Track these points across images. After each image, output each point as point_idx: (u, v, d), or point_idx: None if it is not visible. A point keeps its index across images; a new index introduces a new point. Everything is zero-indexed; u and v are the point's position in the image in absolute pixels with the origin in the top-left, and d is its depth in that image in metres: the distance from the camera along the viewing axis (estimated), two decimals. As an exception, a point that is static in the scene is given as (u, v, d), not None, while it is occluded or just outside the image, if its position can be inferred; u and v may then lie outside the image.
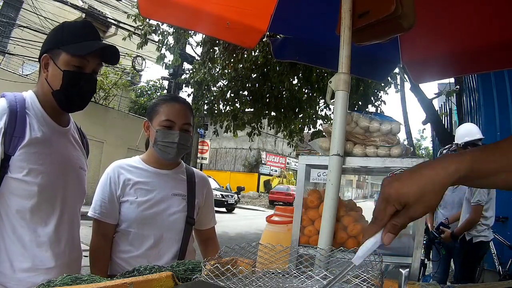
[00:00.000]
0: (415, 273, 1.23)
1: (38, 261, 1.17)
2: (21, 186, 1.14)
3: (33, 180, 1.15)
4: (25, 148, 1.14)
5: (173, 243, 1.51)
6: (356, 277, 0.69)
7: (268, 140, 27.60)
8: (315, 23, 2.23)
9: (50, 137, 1.23)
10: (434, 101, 8.03)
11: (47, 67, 1.24)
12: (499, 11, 1.85)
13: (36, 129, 1.19)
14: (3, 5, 13.64)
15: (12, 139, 1.13)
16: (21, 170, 1.14)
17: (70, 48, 1.21)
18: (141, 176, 1.50)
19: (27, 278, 1.14)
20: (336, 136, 1.24)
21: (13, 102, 1.18)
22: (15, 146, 1.13)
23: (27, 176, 1.14)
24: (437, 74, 2.50)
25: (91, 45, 1.24)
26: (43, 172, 1.17)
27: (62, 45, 1.22)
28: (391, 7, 1.20)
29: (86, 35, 1.26)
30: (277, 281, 0.84)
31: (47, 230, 1.20)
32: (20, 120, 1.16)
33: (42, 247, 1.18)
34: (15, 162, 1.13)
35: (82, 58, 1.22)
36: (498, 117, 5.15)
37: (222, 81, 8.01)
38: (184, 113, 1.51)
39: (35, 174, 1.16)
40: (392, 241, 0.64)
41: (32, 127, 1.18)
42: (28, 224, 1.16)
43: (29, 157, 1.15)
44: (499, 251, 4.15)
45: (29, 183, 1.15)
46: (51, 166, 1.20)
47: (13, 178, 1.14)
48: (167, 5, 1.93)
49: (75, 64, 1.22)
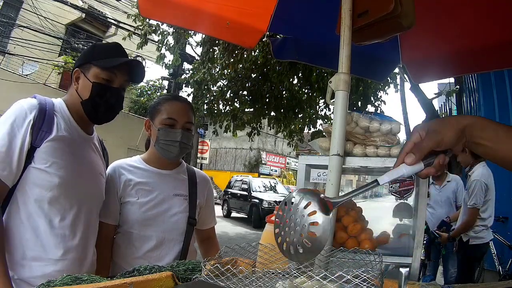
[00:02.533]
0: (415, 273, 1.23)
1: (49, 251, 1.19)
2: (42, 176, 1.19)
3: (55, 172, 1.20)
4: (51, 142, 1.21)
5: (175, 244, 1.50)
6: (356, 277, 0.69)
7: (268, 140, 27.60)
8: (315, 23, 2.23)
9: (75, 139, 1.30)
10: (434, 101, 8.03)
11: (78, 80, 1.33)
12: (499, 11, 1.85)
13: (62, 129, 1.26)
14: (3, 5, 13.65)
15: (39, 132, 1.20)
16: (45, 161, 1.19)
17: (101, 62, 1.31)
18: (142, 177, 1.50)
19: (37, 266, 1.17)
20: (336, 136, 1.24)
21: (43, 101, 1.26)
22: (42, 139, 1.20)
23: (49, 167, 1.20)
24: (437, 74, 2.50)
25: (119, 60, 1.34)
26: (64, 166, 1.23)
27: (93, 60, 1.32)
28: (389, 6, 1.20)
29: (116, 53, 1.36)
30: (277, 281, 0.83)
31: (63, 223, 1.23)
32: (48, 117, 1.24)
33: (56, 238, 1.21)
34: (39, 154, 1.19)
35: (110, 72, 1.32)
36: (498, 117, 5.15)
37: (221, 81, 8.01)
38: (186, 112, 1.51)
39: (57, 167, 1.21)
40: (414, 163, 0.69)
41: (59, 126, 1.25)
42: (45, 214, 1.20)
43: (54, 151, 1.21)
44: (499, 251, 4.16)
45: (51, 174, 1.20)
46: (73, 163, 1.26)
47: (36, 168, 1.19)
48: (167, 5, 1.93)
49: (104, 77, 1.31)
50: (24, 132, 1.17)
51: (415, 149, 0.70)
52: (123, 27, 11.68)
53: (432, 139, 0.70)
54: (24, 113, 1.19)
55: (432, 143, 0.70)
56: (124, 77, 1.36)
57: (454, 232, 3.56)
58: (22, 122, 1.18)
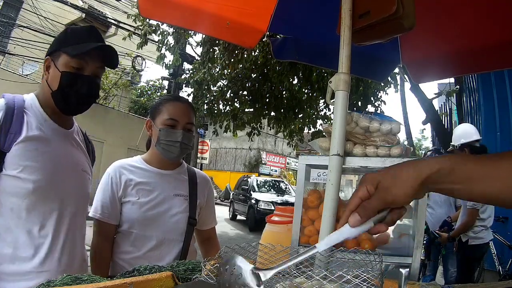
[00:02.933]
0: (415, 273, 1.23)
1: (29, 264, 1.12)
2: (15, 183, 1.10)
3: (27, 177, 1.11)
4: (21, 144, 1.12)
5: (175, 245, 1.51)
6: (356, 277, 0.69)
7: (268, 140, 27.59)
8: (315, 23, 2.22)
9: (49, 137, 1.20)
10: (434, 101, 8.03)
11: (49, 69, 1.24)
12: (499, 11, 1.85)
13: (34, 128, 1.16)
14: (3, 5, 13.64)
15: (7, 136, 1.11)
16: (16, 167, 1.10)
17: (69, 49, 1.21)
18: (143, 177, 1.50)
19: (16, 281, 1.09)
20: (336, 136, 1.24)
21: (10, 101, 1.16)
22: (11, 142, 1.11)
23: (21, 173, 1.11)
24: (437, 74, 2.49)
25: (88, 45, 1.23)
26: (38, 169, 1.13)
27: (63, 47, 1.22)
28: (392, 7, 1.20)
29: (89, 38, 1.25)
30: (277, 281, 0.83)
31: (43, 232, 1.14)
32: (17, 117, 1.14)
33: (37, 250, 1.13)
34: (10, 159, 1.10)
35: (80, 60, 1.21)
36: (498, 117, 5.15)
37: (222, 81, 8.01)
38: (187, 113, 1.51)
39: (30, 171, 1.12)
40: (358, 224, 0.60)
41: (29, 125, 1.15)
42: (23, 224, 1.12)
43: (25, 153, 1.12)
44: (499, 251, 4.16)
45: (23, 180, 1.11)
46: (48, 163, 1.16)
47: (8, 175, 1.10)
48: (167, 5, 1.92)
49: (74, 66, 1.21)
50: None
51: (361, 209, 0.61)
52: (123, 27, 11.69)
53: (381, 199, 0.61)
54: None
55: (381, 204, 0.61)
56: (96, 63, 1.26)
57: (454, 232, 3.56)
58: None
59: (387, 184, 0.61)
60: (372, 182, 0.62)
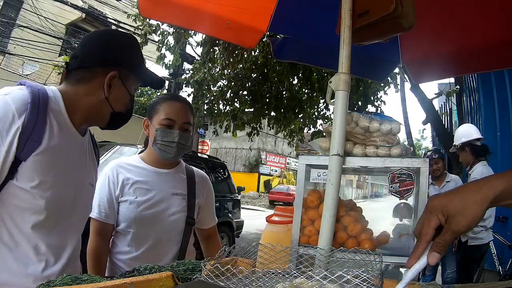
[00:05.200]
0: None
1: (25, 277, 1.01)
2: (25, 196, 0.98)
3: (41, 193, 0.99)
4: (40, 155, 0.98)
5: (173, 245, 1.50)
6: (356, 277, 0.69)
7: (268, 140, 27.59)
8: (315, 23, 2.23)
9: (67, 147, 1.08)
10: (434, 101, 8.03)
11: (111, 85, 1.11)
12: (499, 11, 1.85)
13: (55, 135, 1.02)
14: (3, 5, 13.65)
15: (27, 142, 0.96)
16: (30, 180, 0.98)
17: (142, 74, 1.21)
18: (141, 175, 1.49)
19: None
20: (336, 136, 1.24)
21: (36, 97, 0.99)
22: (30, 151, 0.97)
23: (35, 188, 0.98)
24: (437, 74, 2.50)
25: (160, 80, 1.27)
26: (53, 186, 1.02)
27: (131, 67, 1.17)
28: (390, 6, 1.20)
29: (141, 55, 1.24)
30: (277, 281, 0.83)
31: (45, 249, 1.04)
32: (40, 120, 0.99)
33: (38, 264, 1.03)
34: (25, 170, 0.97)
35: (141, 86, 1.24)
36: (498, 117, 5.15)
37: (222, 81, 8.02)
38: (185, 112, 1.50)
39: (45, 187, 1.00)
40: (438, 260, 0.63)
41: (51, 132, 1.01)
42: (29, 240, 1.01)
43: (42, 166, 0.99)
44: (499, 251, 4.15)
45: (35, 196, 0.99)
46: (61, 180, 1.05)
47: (19, 187, 0.97)
48: (167, 5, 1.92)
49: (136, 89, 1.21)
50: (9, 143, 0.93)
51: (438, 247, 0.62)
52: (123, 27, 11.69)
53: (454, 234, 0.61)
54: (11, 116, 0.94)
55: (455, 236, 0.61)
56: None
57: None
58: (7, 128, 0.93)
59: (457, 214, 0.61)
60: (442, 210, 0.62)
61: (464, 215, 0.60)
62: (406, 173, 1.23)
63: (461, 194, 0.62)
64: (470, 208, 0.60)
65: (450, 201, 0.62)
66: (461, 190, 0.63)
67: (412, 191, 1.27)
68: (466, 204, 0.60)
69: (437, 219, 0.62)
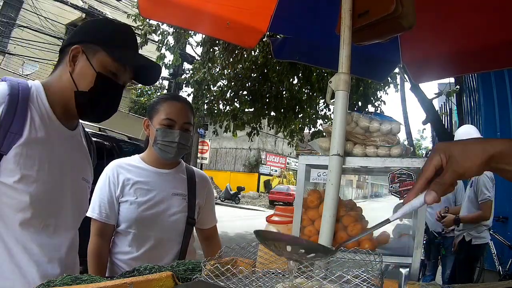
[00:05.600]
0: (415, 273, 1.23)
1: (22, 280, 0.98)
2: (9, 192, 0.95)
3: (25, 188, 0.96)
4: (21, 147, 0.95)
5: (174, 245, 1.50)
6: (356, 277, 0.69)
7: (268, 140, 27.59)
8: (315, 23, 2.23)
9: (53, 140, 1.04)
10: (434, 101, 8.03)
11: (76, 60, 1.05)
12: (499, 11, 1.85)
13: (37, 127, 0.99)
14: (3, 5, 13.65)
15: (7, 135, 0.94)
16: (13, 174, 0.94)
17: (115, 51, 1.05)
18: (141, 176, 1.49)
19: None
20: (336, 136, 1.24)
21: (15, 90, 0.98)
22: (10, 143, 0.94)
23: (19, 183, 0.95)
24: (437, 74, 2.50)
25: (138, 57, 1.13)
26: (37, 180, 0.98)
27: (103, 42, 1.06)
28: (391, 6, 1.20)
29: (130, 42, 1.13)
30: (277, 281, 0.83)
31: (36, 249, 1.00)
32: (20, 112, 0.96)
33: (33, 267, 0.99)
34: (6, 164, 0.94)
35: (121, 66, 1.07)
36: (498, 117, 5.15)
37: (222, 81, 8.01)
38: (185, 112, 1.50)
39: (29, 181, 0.97)
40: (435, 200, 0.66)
41: (33, 124, 0.98)
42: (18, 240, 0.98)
43: (25, 160, 0.96)
44: (499, 251, 4.15)
45: (19, 192, 0.96)
46: (48, 173, 1.01)
47: (2, 183, 0.94)
48: (167, 5, 1.92)
49: (112, 70, 1.06)
50: None
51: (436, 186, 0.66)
52: (123, 27, 11.67)
53: (453, 173, 0.65)
54: None
55: (455, 177, 0.65)
56: (131, 74, 1.13)
57: (465, 217, 3.49)
58: None
59: (458, 155, 0.65)
60: (445, 151, 0.66)
61: (464, 157, 0.65)
62: (406, 173, 1.23)
63: (465, 142, 0.68)
64: (471, 153, 0.65)
65: (454, 145, 0.67)
66: (465, 140, 0.68)
67: (412, 191, 1.26)
68: (468, 149, 0.66)
69: (439, 158, 0.66)
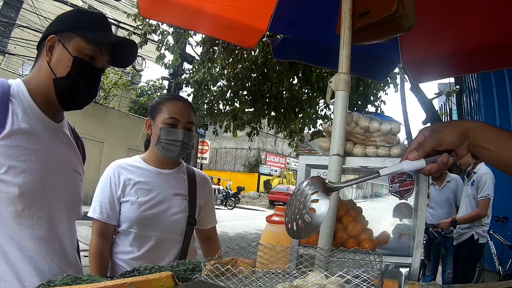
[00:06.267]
0: (415, 273, 1.23)
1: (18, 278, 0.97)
2: None
3: (12, 179, 0.95)
4: (5, 140, 0.95)
5: (175, 244, 1.51)
6: (356, 277, 0.69)
7: (268, 140, 27.60)
8: (315, 23, 2.23)
9: (38, 131, 1.03)
10: (434, 101, 8.03)
11: (52, 50, 1.06)
12: (499, 11, 1.85)
13: (20, 119, 0.99)
14: (3, 5, 13.66)
15: None
16: (0, 167, 0.94)
17: (88, 34, 1.05)
18: (142, 176, 1.50)
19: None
20: (336, 136, 1.24)
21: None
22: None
23: (5, 175, 0.94)
24: (437, 73, 2.50)
25: (111, 36, 1.13)
26: (25, 170, 0.97)
27: (77, 28, 1.06)
28: (392, 7, 1.20)
29: (103, 26, 1.14)
30: (277, 281, 0.83)
31: (31, 244, 0.99)
32: (1, 106, 0.97)
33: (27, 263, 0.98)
34: None
35: (97, 48, 1.08)
36: (498, 117, 5.15)
37: (221, 81, 8.01)
38: (188, 112, 1.51)
39: (16, 172, 0.96)
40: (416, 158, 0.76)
41: (15, 116, 0.98)
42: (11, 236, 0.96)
43: (9, 151, 0.95)
44: (499, 251, 4.16)
45: (7, 184, 0.95)
46: (36, 164, 1.00)
47: None
48: (167, 5, 1.93)
49: (89, 53, 1.07)
50: None
51: (418, 146, 0.77)
52: (123, 27, 11.68)
53: (434, 138, 0.76)
54: None
55: (434, 142, 0.75)
56: (107, 57, 1.12)
57: (462, 218, 3.52)
58: None
59: (439, 127, 0.78)
60: (427, 129, 0.79)
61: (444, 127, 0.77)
62: (406, 173, 1.23)
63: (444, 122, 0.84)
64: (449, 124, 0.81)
65: (435, 125, 0.80)
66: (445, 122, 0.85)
67: (412, 191, 1.27)
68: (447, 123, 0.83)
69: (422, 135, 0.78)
